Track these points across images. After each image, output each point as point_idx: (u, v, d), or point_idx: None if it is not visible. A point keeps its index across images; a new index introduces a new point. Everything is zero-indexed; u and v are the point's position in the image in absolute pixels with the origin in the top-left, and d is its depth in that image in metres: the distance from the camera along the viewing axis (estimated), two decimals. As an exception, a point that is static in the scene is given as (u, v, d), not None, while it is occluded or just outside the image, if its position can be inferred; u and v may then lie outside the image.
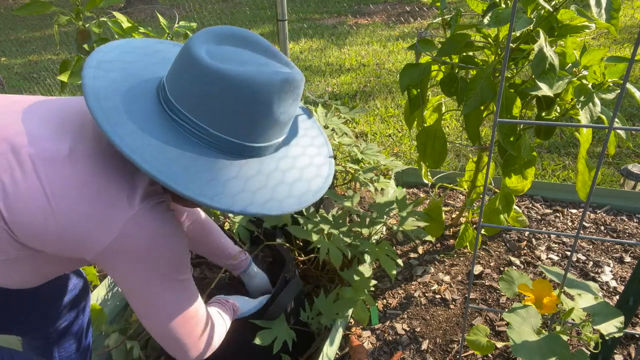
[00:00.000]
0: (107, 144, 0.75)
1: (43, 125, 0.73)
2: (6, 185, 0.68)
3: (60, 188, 0.69)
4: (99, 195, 0.71)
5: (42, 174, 0.69)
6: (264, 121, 0.74)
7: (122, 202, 0.72)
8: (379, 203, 1.49)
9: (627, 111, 2.86)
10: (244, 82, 0.70)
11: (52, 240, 0.70)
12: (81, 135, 0.74)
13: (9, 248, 0.71)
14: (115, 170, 0.73)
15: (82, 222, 0.70)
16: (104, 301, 1.45)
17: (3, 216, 0.68)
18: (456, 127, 2.90)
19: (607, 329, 0.86)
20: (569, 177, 2.30)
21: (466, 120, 1.46)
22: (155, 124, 0.72)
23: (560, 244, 1.77)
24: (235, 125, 0.73)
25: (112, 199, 0.71)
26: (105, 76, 0.75)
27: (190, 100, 0.72)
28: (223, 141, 0.73)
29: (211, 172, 0.72)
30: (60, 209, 0.69)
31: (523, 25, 1.11)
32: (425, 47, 1.43)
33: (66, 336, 1.11)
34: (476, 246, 0.89)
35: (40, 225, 0.69)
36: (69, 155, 0.71)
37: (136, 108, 0.73)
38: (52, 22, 6.93)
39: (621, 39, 4.15)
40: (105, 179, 0.72)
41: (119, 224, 0.71)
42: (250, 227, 1.44)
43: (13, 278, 0.78)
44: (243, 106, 0.71)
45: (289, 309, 1.27)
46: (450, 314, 1.51)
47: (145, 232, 0.73)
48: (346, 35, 5.23)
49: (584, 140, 1.26)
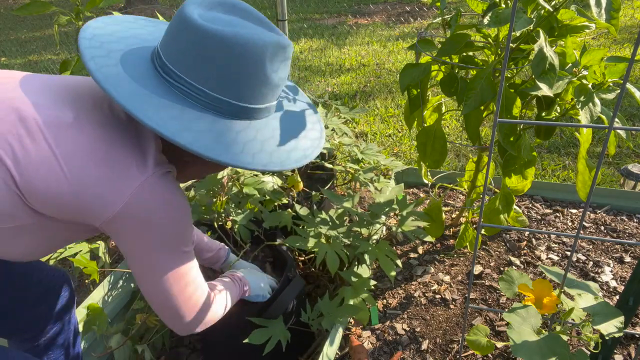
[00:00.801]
0: (109, 113, 0.76)
1: (42, 95, 0.75)
2: (16, 151, 0.69)
3: (70, 153, 0.70)
4: (110, 159, 0.72)
5: (51, 140, 0.70)
6: (256, 81, 0.76)
7: (134, 168, 0.73)
8: (378, 203, 1.49)
9: (627, 111, 2.86)
10: (237, 42, 0.72)
11: (64, 205, 0.71)
12: (81, 106, 0.75)
13: (21, 214, 0.72)
14: (121, 138, 0.75)
15: (94, 186, 0.71)
16: (105, 302, 1.45)
17: (16, 182, 0.69)
18: (456, 127, 2.90)
19: (607, 329, 0.86)
20: (569, 177, 2.30)
21: (466, 120, 1.46)
22: (156, 86, 0.74)
23: (560, 244, 1.77)
24: (230, 86, 0.75)
25: (124, 164, 0.73)
26: (102, 47, 0.76)
27: (186, 63, 0.73)
28: (220, 102, 0.75)
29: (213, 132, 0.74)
30: (72, 173, 0.70)
31: (523, 25, 1.11)
32: (425, 47, 1.43)
33: (53, 347, 1.10)
34: (476, 246, 0.89)
35: (53, 190, 0.70)
36: (74, 122, 0.72)
37: (137, 74, 0.75)
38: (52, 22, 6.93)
39: (621, 39, 4.15)
40: (114, 145, 0.73)
41: (131, 188, 0.72)
42: (251, 226, 1.44)
43: (19, 247, 0.78)
44: (237, 66, 0.74)
45: (290, 308, 1.27)
46: (450, 314, 1.51)
47: (156, 199, 0.75)
48: (346, 35, 5.23)
49: (584, 140, 1.26)
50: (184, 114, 0.73)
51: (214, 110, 0.76)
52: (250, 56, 0.73)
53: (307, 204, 1.64)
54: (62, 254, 1.61)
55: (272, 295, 1.21)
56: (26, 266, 1.02)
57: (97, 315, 1.30)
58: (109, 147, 0.73)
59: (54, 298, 1.07)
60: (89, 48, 0.74)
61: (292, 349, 1.29)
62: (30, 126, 0.70)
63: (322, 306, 1.29)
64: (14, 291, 0.99)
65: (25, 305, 1.02)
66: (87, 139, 0.72)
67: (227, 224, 1.46)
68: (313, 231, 1.34)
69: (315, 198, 1.61)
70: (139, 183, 0.73)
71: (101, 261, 1.64)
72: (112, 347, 1.30)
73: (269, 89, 0.79)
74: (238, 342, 1.18)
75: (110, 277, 1.50)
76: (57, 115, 0.72)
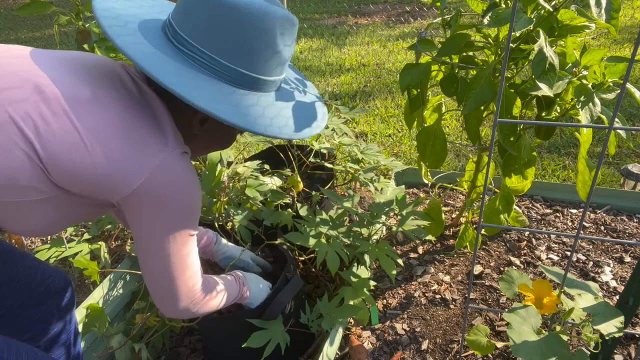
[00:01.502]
0: (123, 90, 0.78)
1: (57, 70, 0.75)
2: (39, 125, 0.69)
3: (92, 127, 0.71)
4: (131, 135, 0.73)
5: (72, 114, 0.71)
6: (267, 53, 0.78)
7: (154, 145, 0.75)
8: (378, 203, 1.49)
9: (627, 111, 2.86)
10: (250, 12, 0.74)
11: (85, 179, 0.72)
12: (95, 82, 0.76)
13: (43, 187, 0.72)
14: (140, 115, 0.76)
15: (116, 160, 0.72)
16: (105, 302, 1.45)
17: (38, 155, 0.69)
18: (456, 127, 2.90)
19: (607, 329, 0.86)
20: (569, 177, 2.30)
21: (466, 120, 1.46)
22: (171, 54, 0.76)
23: (560, 244, 1.77)
24: (243, 56, 0.77)
25: (145, 140, 0.74)
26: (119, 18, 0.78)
27: (199, 33, 0.75)
28: (232, 72, 0.77)
29: (227, 97, 0.76)
30: (94, 147, 0.71)
31: (523, 25, 1.11)
32: (425, 47, 1.43)
33: (54, 347, 1.11)
34: (476, 246, 0.89)
35: (76, 163, 0.71)
36: (92, 98, 0.73)
37: (155, 43, 0.76)
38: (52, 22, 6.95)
39: (621, 39, 4.15)
40: (134, 121, 0.75)
41: (152, 164, 0.74)
42: (251, 226, 1.44)
43: (37, 222, 0.78)
44: (250, 37, 0.76)
45: (289, 308, 1.27)
46: (450, 314, 1.51)
47: (175, 177, 0.76)
48: (346, 35, 5.23)
49: (584, 140, 1.26)
50: (199, 79, 0.75)
51: (225, 79, 0.78)
52: (263, 27, 0.76)
53: (307, 204, 1.64)
54: (62, 253, 1.61)
55: (271, 295, 1.21)
56: (30, 266, 1.03)
57: (98, 315, 1.30)
58: (129, 123, 0.74)
59: (55, 298, 1.08)
60: (107, 18, 0.76)
61: (292, 348, 1.29)
62: (50, 101, 0.70)
63: (321, 307, 1.29)
64: (19, 290, 0.99)
65: (28, 305, 1.02)
66: (107, 114, 0.73)
67: (227, 224, 1.46)
68: (313, 231, 1.34)
69: (316, 198, 1.61)
70: (160, 159, 0.74)
71: (101, 262, 1.64)
72: (113, 347, 1.29)
73: (279, 61, 0.81)
74: (238, 342, 1.18)
75: (110, 277, 1.50)
76: (75, 91, 0.73)
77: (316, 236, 1.32)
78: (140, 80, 0.82)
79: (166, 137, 0.77)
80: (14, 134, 0.68)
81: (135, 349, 1.30)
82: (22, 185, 0.70)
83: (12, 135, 0.68)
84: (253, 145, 2.72)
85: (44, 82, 0.72)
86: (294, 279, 1.25)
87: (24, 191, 0.72)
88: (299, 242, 1.28)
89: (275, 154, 1.90)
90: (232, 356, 1.34)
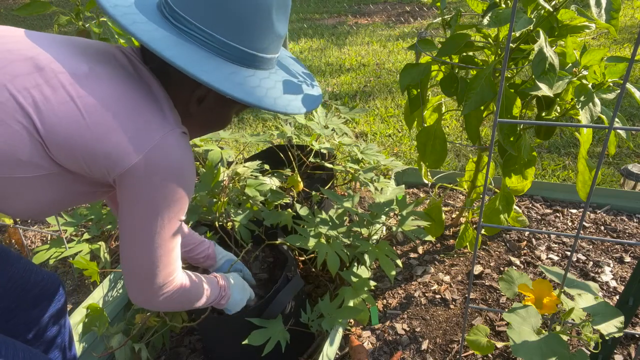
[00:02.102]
0: (120, 68, 0.77)
1: (52, 47, 0.75)
2: (37, 99, 0.69)
3: (90, 102, 0.71)
4: (131, 111, 0.73)
5: (70, 88, 0.71)
6: (263, 29, 0.79)
7: (154, 122, 0.75)
8: (378, 203, 1.49)
9: (627, 111, 2.86)
10: None
11: (83, 153, 0.72)
12: (91, 59, 0.76)
13: (42, 163, 0.72)
14: (139, 92, 0.76)
15: (115, 134, 0.72)
16: (105, 302, 1.45)
17: (37, 129, 0.69)
18: (456, 127, 2.90)
19: (607, 329, 0.86)
20: (569, 177, 2.30)
21: (466, 120, 1.46)
22: (169, 30, 0.76)
23: (560, 244, 1.77)
24: (239, 32, 0.77)
25: (145, 117, 0.74)
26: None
27: (195, 9, 0.76)
28: (228, 47, 0.77)
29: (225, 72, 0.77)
30: (94, 121, 0.71)
31: (523, 25, 1.11)
32: (425, 47, 1.43)
33: (49, 351, 1.10)
34: (476, 246, 0.89)
35: (74, 136, 0.70)
36: (89, 73, 0.73)
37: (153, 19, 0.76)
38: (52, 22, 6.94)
39: (621, 39, 4.15)
40: (133, 97, 0.74)
41: (151, 141, 0.74)
42: (251, 226, 1.44)
43: (34, 201, 0.78)
44: (246, 12, 0.76)
45: (289, 308, 1.27)
46: (450, 314, 1.51)
47: (174, 156, 0.76)
48: (346, 35, 5.23)
49: (584, 140, 1.26)
50: (200, 55, 0.75)
51: (224, 56, 0.78)
52: (259, 3, 0.76)
53: (307, 204, 1.64)
54: (62, 253, 1.61)
55: (271, 294, 1.21)
56: (25, 268, 1.02)
57: (97, 315, 1.30)
58: (128, 99, 0.74)
59: (48, 301, 1.07)
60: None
61: (292, 348, 1.29)
62: (48, 75, 0.71)
63: (322, 307, 1.29)
64: (14, 292, 0.99)
65: (21, 307, 1.02)
66: (106, 89, 0.73)
67: (227, 224, 1.46)
68: (313, 231, 1.34)
69: (315, 198, 1.61)
70: (159, 137, 0.74)
71: (101, 262, 1.64)
72: (113, 347, 1.29)
73: (274, 38, 0.82)
74: (238, 342, 1.18)
75: (110, 277, 1.50)
76: (73, 65, 0.73)
77: (316, 236, 1.32)
78: (136, 59, 0.82)
79: (165, 115, 0.77)
80: (14, 109, 0.68)
81: (135, 349, 1.30)
82: (22, 160, 0.70)
83: (12, 111, 0.68)
84: (253, 145, 2.72)
85: (42, 58, 0.72)
86: (294, 279, 1.25)
87: (24, 167, 0.71)
88: (298, 243, 1.28)
89: (275, 154, 1.90)
90: (232, 356, 1.34)
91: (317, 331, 1.42)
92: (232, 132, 1.96)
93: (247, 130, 3.03)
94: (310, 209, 1.48)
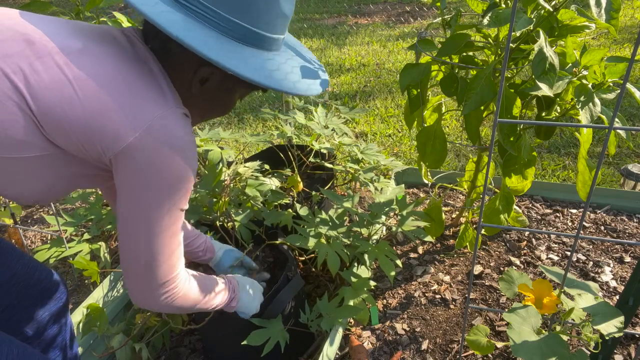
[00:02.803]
0: (116, 46, 0.75)
1: (45, 25, 0.74)
2: (28, 75, 0.68)
3: (84, 77, 0.69)
4: (127, 87, 0.71)
5: (62, 64, 0.69)
6: (269, 7, 0.76)
7: (151, 99, 0.72)
8: (378, 202, 1.49)
9: (627, 111, 2.86)
10: None
11: (78, 130, 0.70)
12: (85, 36, 0.74)
13: (37, 141, 0.71)
14: (137, 69, 0.73)
15: (109, 110, 0.69)
16: (105, 302, 1.45)
17: (30, 106, 0.68)
18: (456, 127, 2.90)
19: (607, 329, 0.86)
20: (569, 177, 2.30)
21: (466, 120, 1.46)
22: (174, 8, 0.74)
23: (560, 244, 1.77)
24: (245, 10, 0.74)
25: (142, 94, 0.72)
26: None
27: None
28: (234, 25, 0.75)
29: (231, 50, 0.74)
30: (86, 97, 0.69)
31: (523, 25, 1.11)
32: (425, 47, 1.43)
33: (50, 349, 1.09)
34: (476, 246, 0.89)
35: (67, 113, 0.68)
36: (83, 49, 0.71)
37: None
38: (52, 22, 6.90)
39: (621, 39, 4.15)
40: (130, 74, 0.72)
41: (148, 118, 0.71)
42: (251, 226, 1.44)
43: (31, 184, 0.76)
44: None
45: (289, 308, 1.27)
46: (450, 314, 1.51)
47: (173, 136, 0.73)
48: (346, 35, 5.23)
49: (584, 140, 1.26)
50: (204, 32, 0.73)
51: (229, 34, 0.75)
52: None
53: (307, 204, 1.64)
54: (62, 253, 1.61)
55: (271, 294, 1.21)
56: (28, 265, 1.02)
57: (98, 315, 1.30)
58: (125, 75, 0.71)
59: (49, 299, 1.07)
60: None
61: (292, 348, 1.29)
62: (40, 50, 0.69)
63: (321, 306, 1.29)
64: (16, 288, 0.99)
65: (23, 304, 1.01)
66: (101, 65, 0.71)
67: (228, 224, 1.46)
68: (313, 231, 1.34)
69: (315, 198, 1.61)
70: (158, 114, 0.71)
71: (101, 262, 1.64)
72: (114, 347, 1.30)
73: (280, 18, 0.79)
74: (238, 342, 1.18)
75: (110, 277, 1.50)
76: (66, 42, 0.71)
77: (316, 236, 1.32)
78: (136, 38, 0.79)
79: (165, 94, 0.74)
80: (7, 87, 0.67)
81: (135, 349, 1.30)
82: (17, 139, 0.69)
83: (5, 88, 0.67)
84: (253, 145, 2.72)
85: (34, 34, 0.70)
86: (294, 278, 1.25)
87: (20, 147, 0.70)
88: (298, 243, 1.28)
89: (275, 154, 1.90)
90: (232, 356, 1.34)
91: (317, 331, 1.42)
92: (232, 132, 1.96)
93: (247, 130, 3.03)
94: (310, 209, 1.48)
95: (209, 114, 0.90)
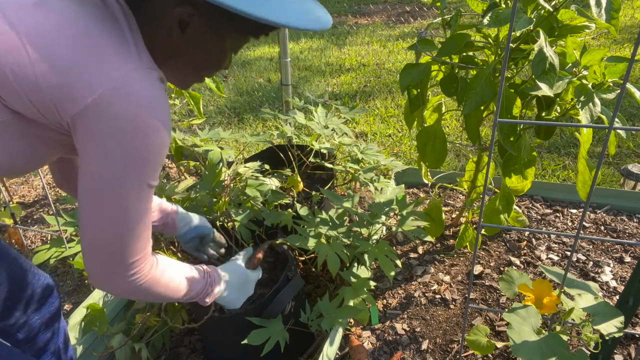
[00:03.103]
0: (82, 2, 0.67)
1: None
2: None
3: (35, 32, 0.62)
4: (85, 41, 0.64)
5: (12, 17, 0.63)
6: None
7: (113, 54, 0.64)
8: (378, 202, 1.49)
9: (627, 111, 2.86)
10: None
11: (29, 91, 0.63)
12: None
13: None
14: (101, 20, 0.66)
15: (62, 67, 0.63)
16: (105, 302, 1.45)
17: None
18: (456, 127, 2.90)
19: (607, 329, 0.86)
20: (569, 177, 2.30)
21: (466, 120, 1.46)
22: None
23: (560, 244, 1.77)
24: None
25: (101, 49, 0.64)
26: None
27: None
28: None
29: None
30: (38, 54, 0.62)
31: (523, 25, 1.11)
32: (425, 47, 1.43)
33: (44, 354, 1.08)
34: (476, 246, 0.89)
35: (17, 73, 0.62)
36: (38, 2, 0.64)
37: None
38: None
39: (621, 39, 4.15)
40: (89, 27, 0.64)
41: (112, 77, 0.63)
42: (251, 226, 1.44)
43: None
44: None
45: (289, 308, 1.27)
46: (450, 314, 1.51)
47: (139, 96, 0.65)
48: (346, 35, 5.23)
49: (584, 140, 1.26)
50: None
51: None
52: None
53: (307, 204, 1.64)
54: (62, 253, 1.61)
55: (271, 294, 1.21)
56: (23, 267, 1.01)
57: (98, 315, 1.30)
58: (84, 28, 0.64)
59: (41, 304, 1.05)
60: None
61: (292, 348, 1.29)
62: None
63: (321, 306, 1.29)
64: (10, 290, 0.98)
65: (17, 307, 1.00)
66: (54, 18, 0.64)
67: (228, 224, 1.46)
68: (313, 231, 1.34)
69: (315, 198, 1.61)
70: (123, 73, 0.64)
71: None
72: (113, 347, 1.30)
73: None
74: (238, 342, 1.18)
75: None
76: None
77: (316, 236, 1.32)
78: None
79: (130, 48, 0.66)
80: None
81: (135, 349, 1.30)
82: None
83: None
84: (253, 145, 2.72)
85: None
86: (294, 278, 1.25)
87: None
88: (298, 243, 1.28)
89: (275, 154, 1.90)
90: (232, 356, 1.34)
91: (317, 331, 1.42)
92: (232, 132, 1.96)
93: (247, 130, 3.04)
94: (310, 209, 1.48)
95: (202, 67, 0.80)
